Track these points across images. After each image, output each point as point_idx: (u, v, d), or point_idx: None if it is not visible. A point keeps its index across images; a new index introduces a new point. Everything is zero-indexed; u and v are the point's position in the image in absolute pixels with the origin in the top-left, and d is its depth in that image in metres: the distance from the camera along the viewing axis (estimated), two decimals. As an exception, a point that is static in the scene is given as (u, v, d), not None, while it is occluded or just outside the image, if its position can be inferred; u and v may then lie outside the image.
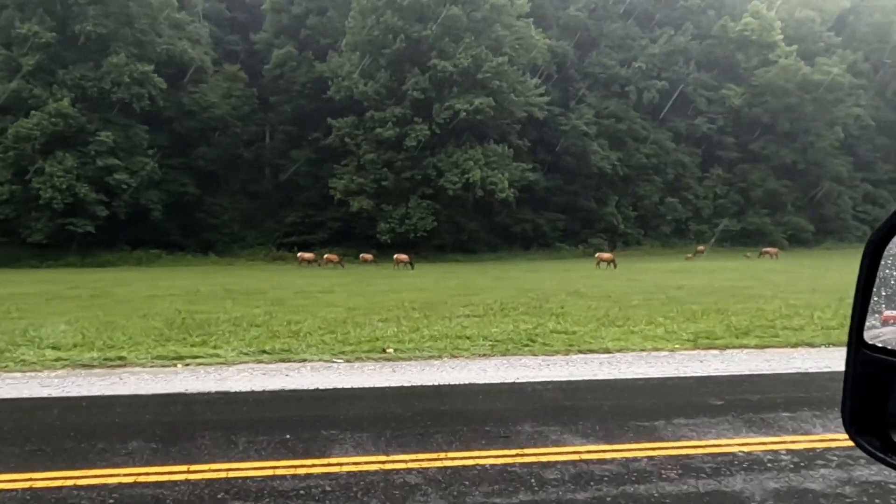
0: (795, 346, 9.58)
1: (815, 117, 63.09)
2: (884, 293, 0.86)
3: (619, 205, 61.71)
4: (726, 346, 9.46)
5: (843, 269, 35.91)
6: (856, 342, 0.88)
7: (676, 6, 67.14)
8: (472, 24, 47.48)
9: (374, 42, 46.51)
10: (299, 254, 42.02)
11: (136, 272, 35.29)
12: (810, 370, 7.97)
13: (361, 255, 43.23)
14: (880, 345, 0.85)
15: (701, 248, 55.88)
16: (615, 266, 35.51)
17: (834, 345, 9.66)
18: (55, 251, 43.55)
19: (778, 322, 11.42)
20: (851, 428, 0.90)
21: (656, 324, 11.41)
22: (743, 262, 43.84)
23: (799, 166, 63.99)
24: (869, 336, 0.87)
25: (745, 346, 9.45)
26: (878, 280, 0.87)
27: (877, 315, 0.87)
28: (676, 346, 9.45)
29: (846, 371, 0.91)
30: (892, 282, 0.85)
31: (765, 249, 49.61)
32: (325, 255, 43.97)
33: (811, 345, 9.67)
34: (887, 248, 0.86)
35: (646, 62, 63.35)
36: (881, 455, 0.86)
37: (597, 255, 37.62)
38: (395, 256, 38.64)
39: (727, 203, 65.05)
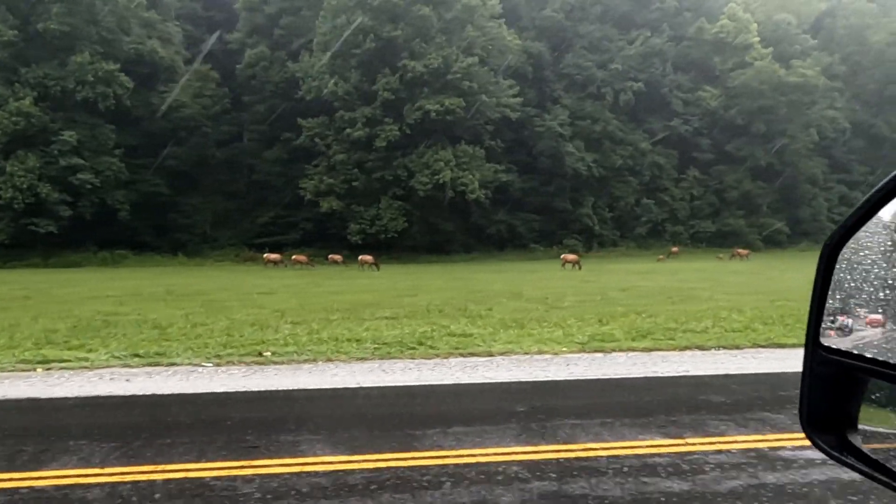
0: (685, 349, 9.41)
1: (789, 119, 63.32)
2: (838, 296, 0.89)
3: (596, 206, 61.69)
4: (615, 349, 9.27)
5: (805, 270, 35.82)
6: (812, 343, 0.91)
7: (653, 8, 67.29)
8: (444, 24, 47.38)
9: (345, 42, 46.28)
10: (265, 255, 41.66)
11: (93, 273, 34.85)
12: (658, 374, 7.81)
13: (330, 255, 42.91)
14: (835, 346, 0.88)
15: (675, 249, 55.96)
16: (579, 267, 35.41)
17: (726, 348, 9.50)
18: (18, 251, 43.01)
19: (685, 325, 11.27)
20: (808, 427, 0.92)
21: (563, 326, 11.24)
22: (712, 264, 43.84)
23: (774, 168, 64.20)
24: (824, 338, 0.90)
25: (634, 349, 9.28)
26: (832, 283, 0.90)
27: (838, 318, 0.90)
28: (564, 349, 9.26)
29: (803, 372, 0.93)
30: (846, 285, 0.88)
31: (736, 251, 49.71)
32: (293, 256, 43.67)
33: (702, 348, 9.51)
34: (841, 252, 0.89)
35: (622, 64, 63.41)
36: (836, 454, 0.89)
37: (562, 256, 37.48)
38: (360, 258, 38.42)
39: (703, 204, 65.19)
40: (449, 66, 45.90)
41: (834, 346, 0.89)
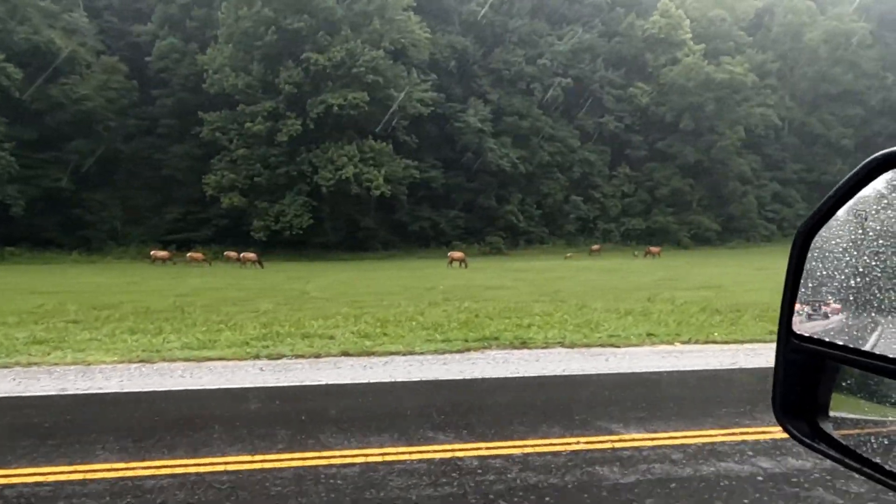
0: (386, 354, 8.67)
1: (718, 116, 63.01)
2: (810, 285, 0.90)
3: (524, 203, 61.03)
4: (283, 355, 8.51)
5: (698, 266, 35.68)
6: (785, 332, 0.93)
7: (585, 3, 66.70)
8: (351, 16, 46.32)
9: (247, 34, 45.12)
10: (152, 252, 40.47)
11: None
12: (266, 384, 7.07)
13: (226, 252, 41.65)
14: (807, 334, 0.90)
15: (595, 247, 55.44)
16: (465, 265, 34.69)
17: (402, 353, 8.66)
18: None
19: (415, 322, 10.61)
20: (780, 415, 0.94)
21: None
22: (618, 262, 43.22)
23: (703, 165, 63.89)
24: (797, 326, 0.92)
25: (321, 355, 8.53)
26: (804, 272, 0.91)
27: (810, 306, 0.92)
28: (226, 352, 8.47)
29: (776, 360, 0.94)
30: (818, 273, 0.89)
31: (649, 249, 49.30)
32: (189, 254, 42.53)
33: (388, 353, 8.71)
34: (814, 240, 0.91)
35: (551, 59, 62.76)
36: (808, 441, 0.91)
37: (449, 254, 36.68)
38: (242, 255, 37.31)
39: (635, 202, 64.76)
40: (354, 59, 44.84)
41: (806, 334, 0.90)
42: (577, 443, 4.85)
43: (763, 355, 8.20)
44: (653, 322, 11.18)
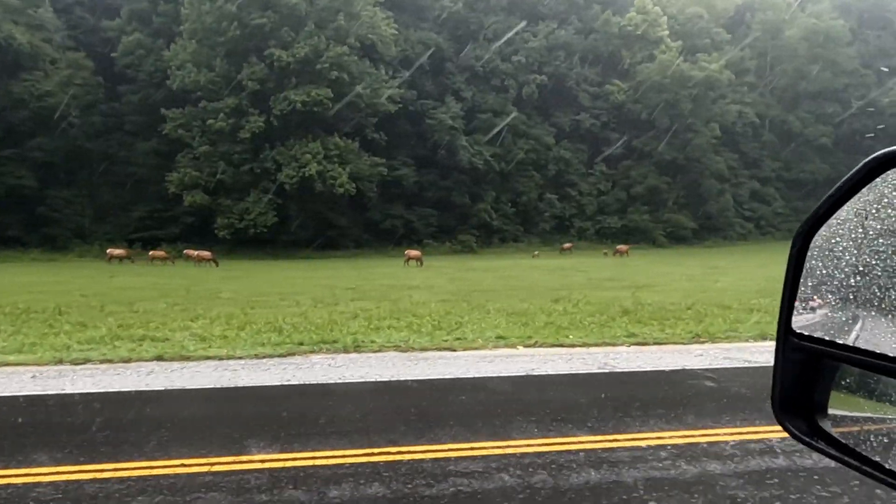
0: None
1: (694, 114, 62.63)
2: (810, 283, 0.91)
3: (498, 201, 60.63)
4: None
5: (658, 266, 35.33)
6: (784, 330, 0.93)
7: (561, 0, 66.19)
8: (316, 12, 45.84)
9: (210, 30, 44.63)
10: (108, 250, 40.01)
11: None
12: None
13: (185, 251, 41.09)
14: (807, 333, 0.91)
15: (567, 245, 55.07)
16: (420, 264, 34.30)
17: (220, 358, 8.25)
18: None
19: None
20: (780, 413, 0.94)
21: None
22: (580, 261, 42.78)
23: (679, 163, 63.50)
24: (796, 325, 0.93)
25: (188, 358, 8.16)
26: (804, 271, 0.92)
27: (810, 305, 0.93)
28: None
29: (775, 358, 0.95)
30: (818, 272, 0.90)
31: (618, 247, 48.94)
32: (151, 252, 42.05)
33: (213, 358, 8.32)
34: (813, 239, 0.91)
35: (526, 56, 62.30)
36: (807, 439, 0.91)
37: (406, 252, 36.28)
38: (197, 253, 36.84)
39: (611, 200, 64.38)
40: (318, 56, 44.37)
41: (805, 333, 0.91)
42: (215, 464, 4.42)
43: (573, 360, 7.81)
44: (532, 324, 10.80)
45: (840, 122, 69.37)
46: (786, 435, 0.91)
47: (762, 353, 8.33)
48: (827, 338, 0.88)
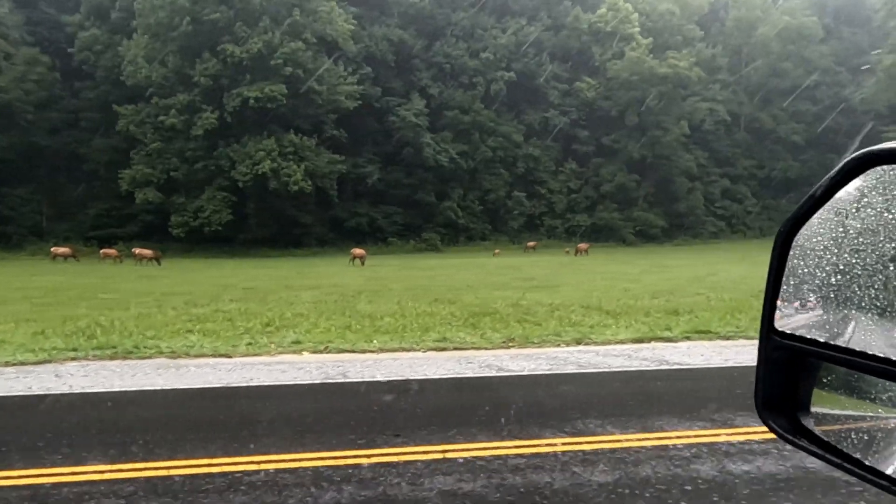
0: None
1: (662, 111, 62.22)
2: (792, 282, 0.92)
3: (465, 199, 60.18)
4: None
5: (604, 265, 34.87)
6: (767, 329, 0.94)
7: (532, -5, 65.71)
8: (271, 7, 45.27)
9: (162, 25, 44.02)
10: (52, 248, 39.42)
11: None
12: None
13: (135, 249, 40.44)
14: (789, 331, 0.91)
15: (531, 244, 54.62)
16: (362, 263, 33.84)
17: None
18: None
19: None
20: (762, 411, 0.95)
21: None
22: (533, 259, 42.25)
23: (648, 161, 63.11)
24: (779, 323, 0.94)
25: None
26: (786, 270, 0.93)
27: (792, 303, 0.94)
28: None
29: (758, 356, 0.95)
30: (799, 271, 0.91)
31: (578, 246, 48.53)
32: (101, 250, 41.47)
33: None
34: (795, 238, 0.92)
35: (494, 53, 61.79)
36: (790, 437, 0.92)
37: (351, 251, 35.78)
38: (137, 251, 36.25)
39: (581, 198, 63.98)
40: (272, 51, 43.80)
41: (787, 332, 0.92)
42: None
43: (309, 370, 7.33)
44: (355, 328, 10.32)
45: (813, 120, 69.05)
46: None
47: (525, 360, 7.86)
48: (809, 336, 0.88)
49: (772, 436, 0.87)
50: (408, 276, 24.42)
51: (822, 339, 0.86)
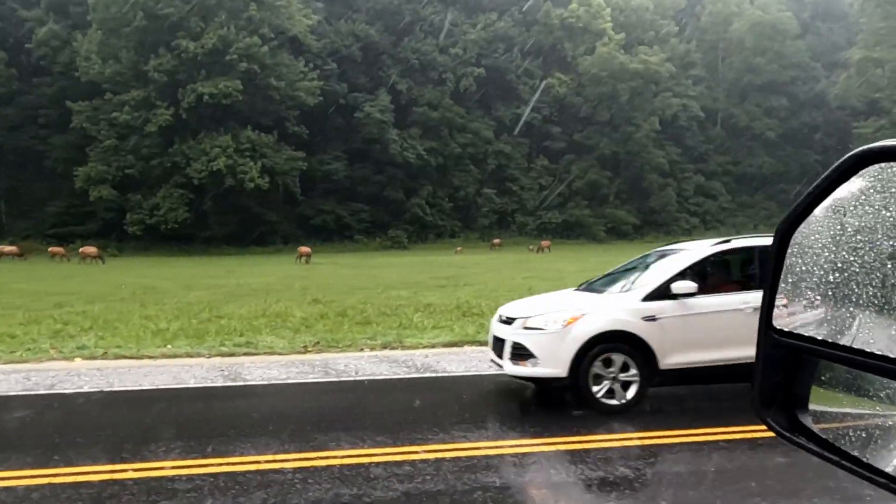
0: None
1: (634, 107, 61.72)
2: (790, 280, 0.92)
3: (436, 196, 59.63)
4: None
5: (547, 263, 34.37)
6: (765, 326, 0.94)
7: (502, -9, 65.10)
8: (227, 2, 44.66)
9: (116, 19, 43.39)
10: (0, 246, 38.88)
11: None
12: None
13: (82, 249, 39.84)
14: (787, 329, 0.91)
15: (497, 241, 54.05)
16: (306, 261, 33.40)
17: None
18: None
19: None
20: (760, 408, 0.95)
21: None
22: (492, 256, 41.81)
23: (620, 157, 62.59)
24: (777, 321, 0.94)
25: None
26: (784, 267, 0.93)
27: (790, 301, 0.94)
28: None
29: (756, 354, 0.95)
30: (797, 269, 0.91)
31: (541, 243, 48.09)
32: (50, 249, 40.96)
33: None
34: (793, 236, 0.92)
35: (464, 48, 61.21)
36: (787, 434, 0.92)
37: (298, 249, 35.30)
38: (81, 250, 35.74)
39: (552, 195, 63.39)
40: (228, 47, 43.21)
41: (786, 329, 0.92)
42: None
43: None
44: (197, 330, 9.86)
45: (788, 116, 68.61)
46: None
47: (282, 368, 7.37)
48: (807, 334, 0.88)
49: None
50: (331, 275, 23.97)
51: (820, 337, 0.86)
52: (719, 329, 5.77)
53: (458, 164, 60.66)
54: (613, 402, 5.61)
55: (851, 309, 0.82)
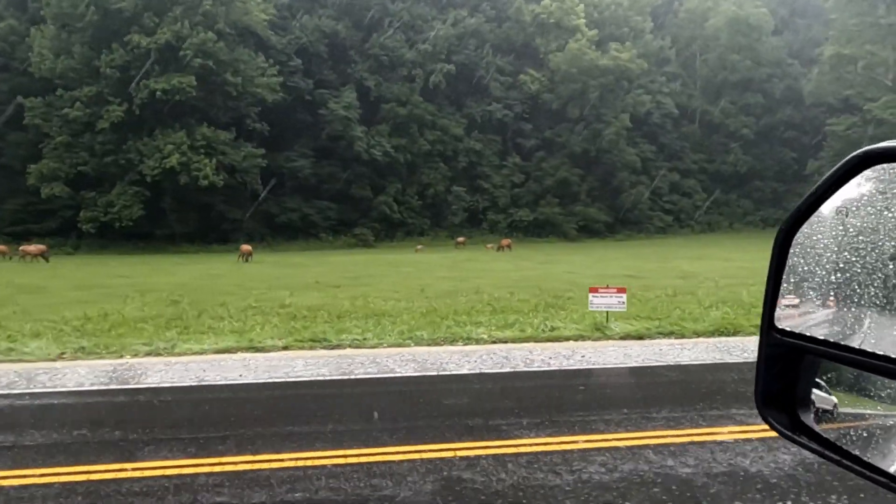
0: None
1: (605, 104, 61.11)
2: (792, 280, 0.93)
3: (404, 193, 59.02)
4: None
5: (502, 263, 33.79)
6: (767, 326, 0.95)
7: (472, -14, 64.41)
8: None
9: (68, 14, 42.73)
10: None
11: None
12: None
13: (21, 247, 38.98)
14: (789, 329, 0.92)
15: (461, 239, 53.37)
16: (246, 260, 32.81)
17: None
18: None
19: None
20: (762, 407, 0.96)
21: None
22: (443, 256, 41.02)
23: (591, 155, 61.96)
24: (779, 321, 0.95)
25: None
26: (787, 267, 0.94)
27: (792, 301, 0.94)
28: None
29: (758, 353, 0.96)
30: (799, 269, 0.92)
31: (502, 242, 47.41)
32: (-1, 247, 40.30)
33: None
34: (795, 236, 0.92)
35: (433, 44, 60.55)
36: (789, 433, 0.93)
37: (241, 247, 34.68)
38: (21, 248, 35.07)
39: (524, 192, 62.80)
40: (182, 42, 42.56)
41: (788, 329, 0.93)
42: None
43: None
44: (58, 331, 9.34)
45: (763, 113, 68.06)
46: None
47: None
48: (808, 334, 0.87)
49: None
50: (252, 275, 23.35)
51: (822, 337, 0.86)
52: None
53: (428, 162, 60.07)
54: None
55: (853, 309, 0.81)
